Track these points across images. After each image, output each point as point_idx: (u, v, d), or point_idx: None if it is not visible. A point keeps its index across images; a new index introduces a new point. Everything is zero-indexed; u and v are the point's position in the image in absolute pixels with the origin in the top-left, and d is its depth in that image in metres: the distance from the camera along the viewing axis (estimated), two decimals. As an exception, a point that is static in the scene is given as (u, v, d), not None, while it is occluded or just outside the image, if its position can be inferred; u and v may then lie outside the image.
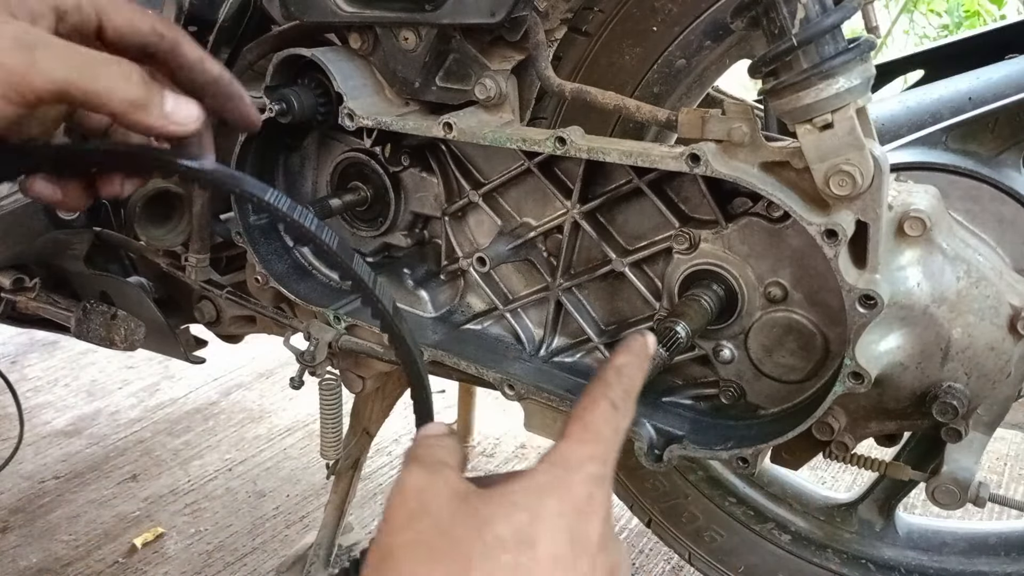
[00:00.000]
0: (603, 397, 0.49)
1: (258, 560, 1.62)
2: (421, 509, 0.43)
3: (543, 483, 0.44)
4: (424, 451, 0.48)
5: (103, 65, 0.47)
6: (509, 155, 0.87)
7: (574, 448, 0.46)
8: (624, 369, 0.52)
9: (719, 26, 0.81)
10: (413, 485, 0.44)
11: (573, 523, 0.43)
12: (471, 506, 0.43)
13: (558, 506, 0.43)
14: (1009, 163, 0.81)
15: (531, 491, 0.44)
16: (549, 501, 0.43)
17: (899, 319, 0.73)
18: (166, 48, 0.52)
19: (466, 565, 0.40)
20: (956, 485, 0.77)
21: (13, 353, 2.50)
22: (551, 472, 0.45)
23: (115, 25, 0.51)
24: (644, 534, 1.60)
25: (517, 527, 0.42)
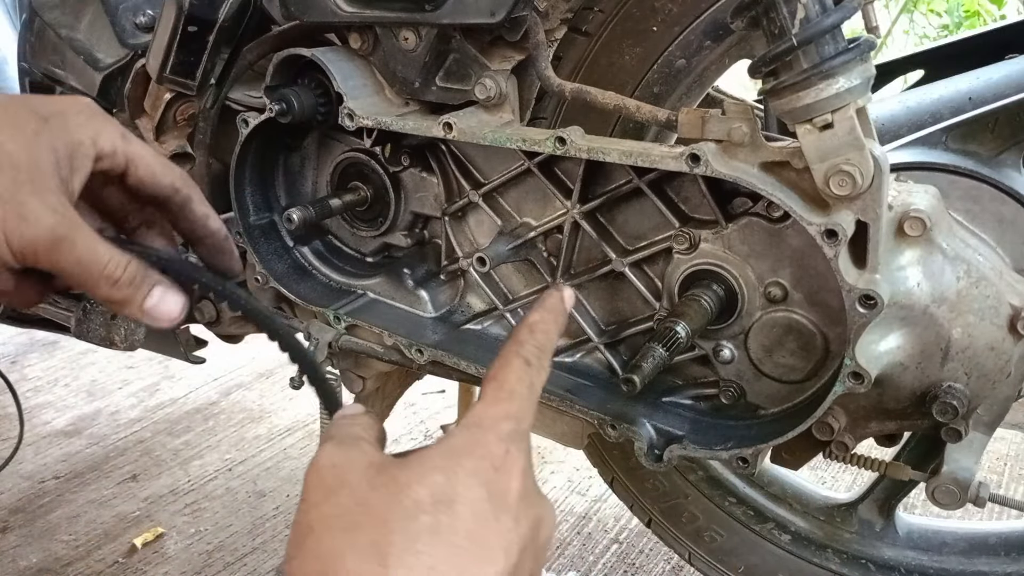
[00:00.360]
0: (516, 355, 0.50)
1: (258, 560, 1.61)
2: (338, 483, 0.43)
3: (458, 444, 0.45)
4: (338, 429, 0.49)
5: (96, 247, 0.51)
6: (509, 155, 0.87)
7: (488, 408, 0.47)
8: (538, 326, 0.53)
9: (719, 26, 0.81)
10: (327, 461, 0.45)
11: (491, 479, 0.43)
12: (388, 474, 0.43)
13: (474, 464, 0.44)
14: (1009, 163, 0.81)
15: (447, 453, 0.44)
16: (465, 460, 0.44)
17: (899, 319, 0.73)
18: (178, 202, 0.58)
19: (386, 530, 0.40)
20: (956, 485, 0.77)
21: (13, 353, 2.50)
22: (466, 433, 0.46)
23: (139, 176, 0.55)
24: (644, 534, 1.60)
25: (434, 488, 0.42)
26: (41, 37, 1.06)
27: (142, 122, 1.04)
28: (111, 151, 0.53)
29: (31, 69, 1.09)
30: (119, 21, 0.98)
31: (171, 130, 1.03)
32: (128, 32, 0.99)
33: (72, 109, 0.53)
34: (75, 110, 0.53)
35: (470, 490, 0.43)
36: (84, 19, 1.04)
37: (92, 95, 1.03)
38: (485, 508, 0.42)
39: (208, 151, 0.99)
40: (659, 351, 0.74)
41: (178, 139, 1.04)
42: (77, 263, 0.50)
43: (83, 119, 0.53)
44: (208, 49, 0.91)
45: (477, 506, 0.42)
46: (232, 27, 0.91)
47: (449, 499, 0.42)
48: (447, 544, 0.40)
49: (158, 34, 0.91)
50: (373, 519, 0.41)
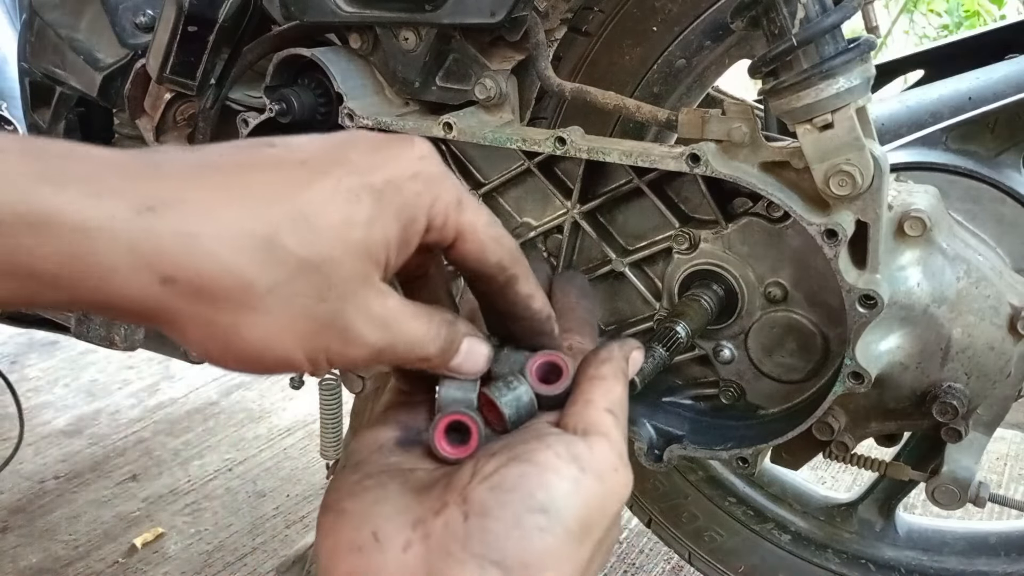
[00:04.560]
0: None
1: (258, 560, 1.62)
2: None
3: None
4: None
5: (413, 334, 0.44)
6: (509, 155, 0.87)
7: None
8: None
9: (719, 26, 0.81)
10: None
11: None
12: None
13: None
14: (1009, 163, 0.81)
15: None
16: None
17: (899, 319, 0.73)
18: (501, 281, 0.48)
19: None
20: (956, 485, 0.77)
21: (13, 353, 2.50)
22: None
23: (465, 250, 0.45)
24: (644, 534, 1.60)
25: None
26: (41, 37, 1.06)
27: (142, 122, 1.04)
28: (441, 224, 0.44)
29: (31, 69, 1.09)
30: (119, 21, 0.98)
31: (171, 130, 1.03)
32: (128, 32, 0.99)
33: (407, 171, 0.42)
34: (411, 172, 0.42)
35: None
36: (84, 19, 1.04)
37: (92, 95, 1.03)
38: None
39: (208, 151, 0.99)
40: (659, 351, 0.74)
41: (178, 139, 1.04)
42: (394, 361, 0.44)
43: (419, 186, 0.42)
44: (208, 49, 0.91)
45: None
46: (232, 27, 0.91)
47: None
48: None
49: (158, 34, 0.91)
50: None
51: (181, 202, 0.35)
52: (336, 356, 0.40)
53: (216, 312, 0.36)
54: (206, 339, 0.37)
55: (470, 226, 0.45)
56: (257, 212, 0.37)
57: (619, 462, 0.44)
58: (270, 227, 0.37)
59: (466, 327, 0.48)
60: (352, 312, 0.40)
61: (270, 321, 0.37)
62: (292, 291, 0.37)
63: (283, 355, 0.39)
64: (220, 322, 0.37)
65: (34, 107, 1.13)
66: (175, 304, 0.36)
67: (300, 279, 0.37)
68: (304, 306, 0.38)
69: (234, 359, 0.39)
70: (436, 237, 0.44)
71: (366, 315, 0.40)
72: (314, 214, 0.38)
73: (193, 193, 0.36)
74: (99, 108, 1.08)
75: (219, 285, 0.36)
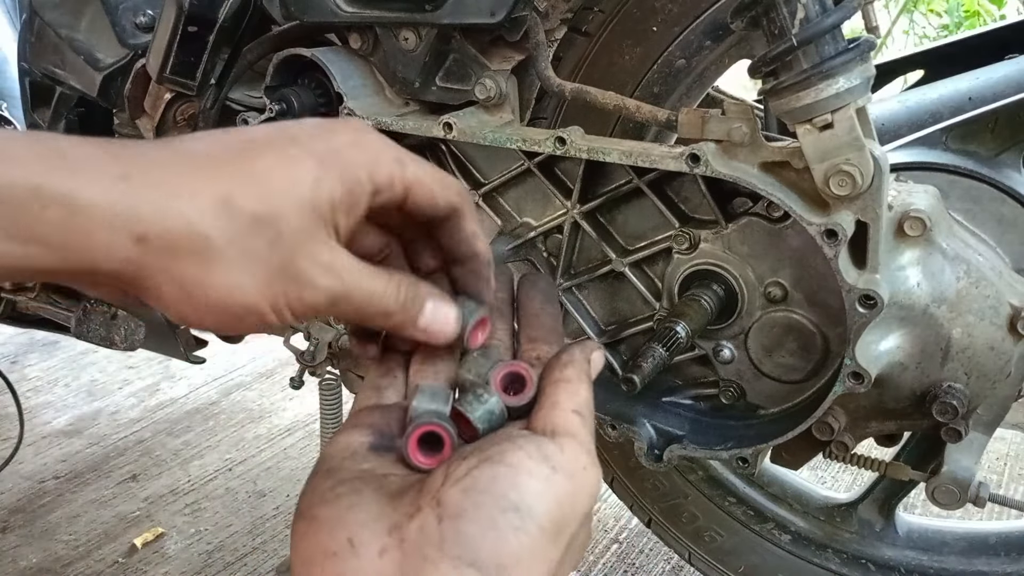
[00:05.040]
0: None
1: (258, 560, 1.62)
2: None
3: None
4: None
5: (370, 286, 0.48)
6: (509, 155, 0.87)
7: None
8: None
9: (719, 26, 0.81)
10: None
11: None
12: None
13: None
14: (1009, 163, 0.81)
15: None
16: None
17: (899, 319, 0.73)
18: (452, 220, 0.53)
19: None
20: (956, 485, 0.77)
21: (13, 353, 2.50)
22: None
23: (416, 201, 0.50)
24: (644, 534, 1.60)
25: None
26: (41, 37, 1.06)
27: (142, 122, 1.04)
28: (388, 183, 0.48)
29: (31, 69, 1.09)
30: (119, 21, 0.98)
31: (171, 130, 1.03)
32: (128, 32, 0.99)
33: (345, 140, 0.48)
34: (348, 141, 0.48)
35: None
36: (84, 19, 1.04)
37: (92, 95, 1.03)
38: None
39: (208, 151, 0.99)
40: (659, 351, 0.74)
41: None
42: (355, 312, 0.48)
43: (358, 152, 0.47)
44: (208, 49, 0.91)
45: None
46: (232, 27, 0.91)
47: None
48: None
49: (158, 34, 0.91)
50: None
51: (151, 173, 0.42)
52: (295, 301, 0.45)
53: (184, 266, 0.42)
54: (180, 297, 0.42)
55: (415, 177, 0.49)
56: (214, 179, 0.43)
57: (588, 460, 0.45)
58: (225, 190, 0.43)
59: (429, 288, 0.51)
60: (302, 260, 0.44)
61: (231, 271, 0.43)
62: (247, 243, 0.43)
63: (247, 302, 0.43)
64: (188, 275, 0.42)
65: (34, 107, 1.13)
66: (149, 262, 0.41)
67: (253, 232, 0.43)
68: (258, 256, 0.43)
69: (206, 311, 0.43)
70: (387, 196, 0.49)
71: (316, 262, 0.45)
72: (262, 177, 0.44)
73: (161, 167, 0.42)
74: (99, 108, 1.08)
75: (185, 241, 0.41)
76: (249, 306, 0.44)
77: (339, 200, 0.46)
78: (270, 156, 0.45)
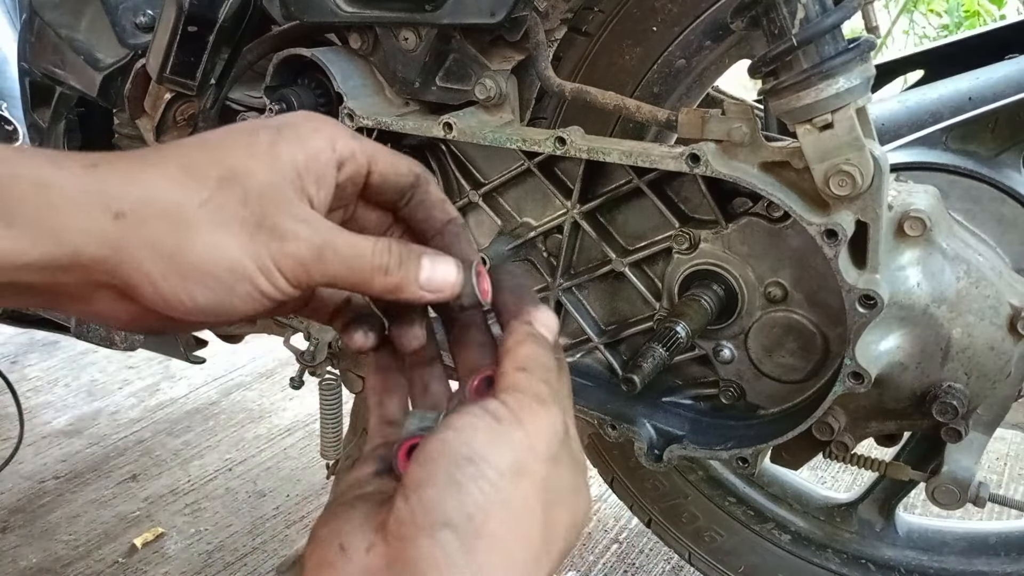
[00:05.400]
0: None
1: (258, 560, 1.62)
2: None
3: None
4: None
5: (355, 241, 0.47)
6: (509, 155, 0.87)
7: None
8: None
9: (719, 26, 0.81)
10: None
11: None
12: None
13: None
14: (1009, 163, 0.81)
15: None
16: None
17: (899, 319, 0.73)
18: (419, 188, 0.53)
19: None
20: (956, 485, 0.77)
21: (13, 353, 2.50)
22: None
23: (381, 171, 0.51)
24: (644, 534, 1.60)
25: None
26: (41, 37, 1.06)
27: (142, 122, 1.04)
28: (350, 153, 0.49)
29: (31, 69, 1.09)
30: (119, 21, 0.98)
31: (171, 130, 1.03)
32: (128, 32, 0.99)
33: (300, 118, 0.49)
34: (303, 118, 0.49)
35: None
36: (84, 19, 1.04)
37: (92, 95, 1.03)
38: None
39: (208, 151, 0.99)
40: (659, 351, 0.74)
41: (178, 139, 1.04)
42: (346, 266, 0.47)
43: (314, 125, 0.49)
44: (208, 49, 0.91)
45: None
46: (232, 27, 0.91)
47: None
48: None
49: (158, 34, 0.91)
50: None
51: (118, 158, 0.44)
52: (278, 254, 0.45)
53: (163, 234, 0.43)
54: (165, 270, 0.43)
55: (375, 149, 0.51)
56: (176, 153, 0.45)
57: (536, 404, 0.45)
58: (187, 159, 0.45)
59: (421, 248, 0.51)
60: (276, 212, 0.45)
61: (208, 231, 0.43)
62: (217, 203, 0.44)
63: (230, 263, 0.44)
64: (168, 243, 0.43)
65: (34, 107, 1.13)
66: (130, 236, 0.42)
67: (221, 192, 0.44)
68: (232, 213, 0.44)
69: (193, 281, 0.43)
70: (353, 168, 0.50)
71: (291, 215, 0.45)
72: (220, 145, 0.46)
73: (126, 153, 0.45)
74: (99, 108, 1.08)
75: (160, 209, 0.43)
76: (234, 266, 0.44)
77: (302, 165, 0.47)
78: (226, 131, 0.47)
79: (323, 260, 0.46)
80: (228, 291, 0.44)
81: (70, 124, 1.12)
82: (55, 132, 1.12)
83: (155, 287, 0.43)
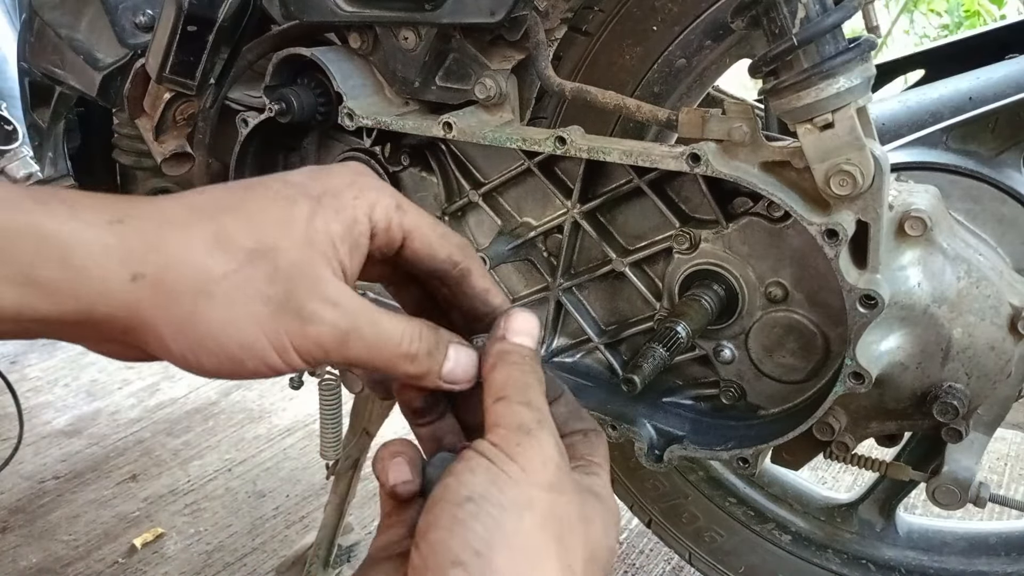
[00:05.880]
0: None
1: (258, 560, 1.61)
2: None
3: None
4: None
5: (384, 326, 0.46)
6: (509, 155, 0.87)
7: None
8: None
9: (719, 26, 0.81)
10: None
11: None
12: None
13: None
14: (1009, 163, 0.81)
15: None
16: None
17: (900, 319, 0.73)
18: (455, 276, 0.52)
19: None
20: (957, 485, 0.77)
21: (13, 353, 2.50)
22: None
23: (414, 248, 0.50)
24: (644, 534, 1.60)
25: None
26: (41, 37, 1.06)
27: (141, 122, 1.04)
28: (385, 226, 0.48)
29: (31, 69, 1.09)
30: (119, 21, 0.98)
31: (171, 130, 1.03)
32: (128, 32, 0.99)
33: (344, 182, 0.47)
34: (347, 182, 0.47)
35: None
36: (84, 19, 1.04)
37: (92, 95, 1.03)
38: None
39: (207, 151, 0.99)
40: (659, 351, 0.74)
41: (177, 139, 1.04)
42: (369, 351, 0.46)
43: (356, 192, 0.47)
44: (208, 49, 0.91)
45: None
46: (232, 27, 0.91)
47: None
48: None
49: (158, 34, 0.91)
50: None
51: (146, 218, 0.42)
52: (298, 338, 0.43)
53: (180, 304, 0.41)
54: (177, 337, 0.42)
55: (414, 225, 0.49)
56: (208, 218, 0.43)
57: (522, 435, 0.45)
58: (219, 226, 0.43)
59: (449, 334, 0.50)
60: (303, 292, 0.43)
61: (227, 307, 0.42)
62: (244, 276, 0.42)
63: (245, 340, 0.42)
64: (184, 312, 0.41)
65: (34, 107, 1.13)
66: (146, 299, 0.41)
67: (249, 266, 0.43)
68: (256, 289, 0.42)
69: (204, 351, 0.42)
70: (384, 240, 0.48)
71: (319, 295, 0.44)
72: (257, 214, 0.44)
73: (155, 208, 0.43)
74: (99, 108, 1.08)
75: (181, 275, 0.41)
76: (248, 345, 0.42)
77: (338, 237, 0.45)
78: (265, 197, 0.45)
79: (346, 345, 0.45)
80: (237, 364, 0.43)
81: (70, 124, 1.12)
82: (55, 132, 1.12)
83: (164, 347, 0.42)
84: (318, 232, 0.45)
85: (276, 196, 0.45)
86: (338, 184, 0.47)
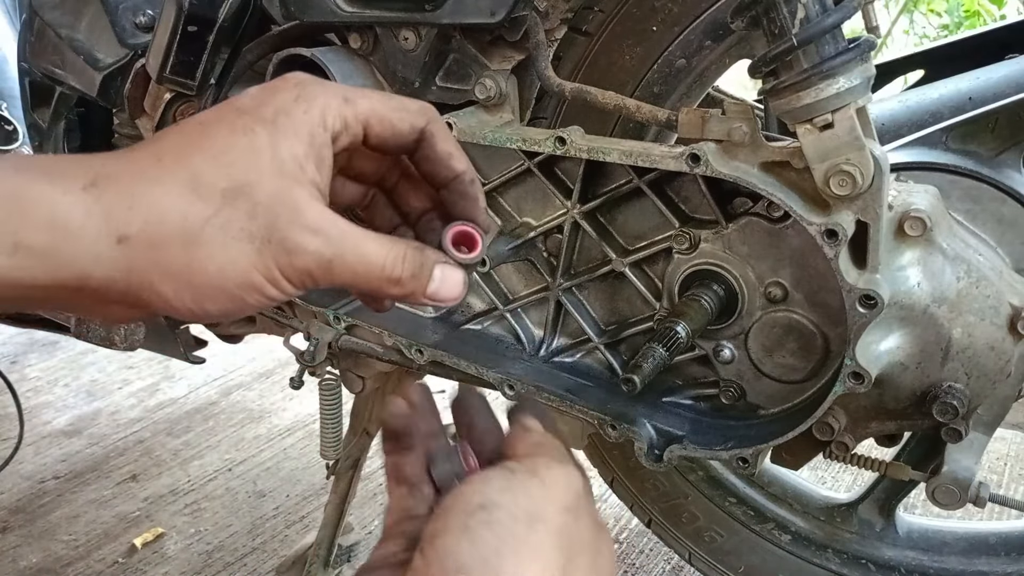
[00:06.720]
0: None
1: (258, 560, 1.62)
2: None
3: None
4: None
5: (367, 249, 0.47)
6: (509, 155, 0.87)
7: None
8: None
9: (719, 26, 0.81)
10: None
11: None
12: None
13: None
14: (1009, 163, 0.81)
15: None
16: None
17: (899, 319, 0.73)
18: (423, 144, 0.52)
19: None
20: (956, 485, 0.77)
21: (13, 353, 2.50)
22: None
23: (378, 134, 0.50)
24: (644, 534, 1.60)
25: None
26: (41, 37, 1.06)
27: (142, 122, 1.04)
28: (342, 126, 0.48)
29: (31, 69, 1.09)
30: (119, 21, 0.98)
31: (171, 130, 1.03)
32: (128, 32, 0.99)
33: (290, 97, 0.47)
34: (293, 96, 0.47)
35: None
36: (84, 19, 1.04)
37: (92, 95, 1.03)
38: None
39: (208, 151, 0.99)
40: (659, 351, 0.74)
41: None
42: (354, 276, 0.46)
43: (305, 105, 0.47)
44: (208, 49, 0.91)
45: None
46: (232, 27, 0.91)
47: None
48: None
49: (158, 34, 0.91)
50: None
51: (116, 172, 0.42)
52: (287, 268, 0.44)
53: (171, 256, 0.42)
54: (177, 289, 0.43)
55: (369, 111, 0.49)
56: (177, 162, 0.43)
57: (554, 462, 0.46)
58: (190, 171, 0.43)
59: (436, 255, 0.50)
60: (285, 223, 0.44)
61: (216, 250, 0.43)
62: (224, 218, 0.43)
63: (240, 278, 0.43)
64: (177, 264, 0.42)
65: (34, 107, 1.13)
66: (137, 261, 0.41)
67: (227, 206, 0.43)
68: (240, 228, 0.43)
69: (206, 298, 0.43)
70: (347, 139, 0.48)
71: (300, 224, 0.44)
72: (223, 152, 0.44)
73: (125, 163, 0.43)
74: (99, 108, 1.08)
75: (164, 229, 0.42)
76: (244, 282, 0.44)
77: (303, 157, 0.46)
78: (224, 131, 0.45)
79: (331, 272, 0.46)
80: (239, 301, 0.44)
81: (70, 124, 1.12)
82: (55, 132, 1.12)
83: (167, 303, 0.43)
84: (284, 159, 0.45)
85: (234, 128, 0.45)
86: (286, 100, 0.47)
